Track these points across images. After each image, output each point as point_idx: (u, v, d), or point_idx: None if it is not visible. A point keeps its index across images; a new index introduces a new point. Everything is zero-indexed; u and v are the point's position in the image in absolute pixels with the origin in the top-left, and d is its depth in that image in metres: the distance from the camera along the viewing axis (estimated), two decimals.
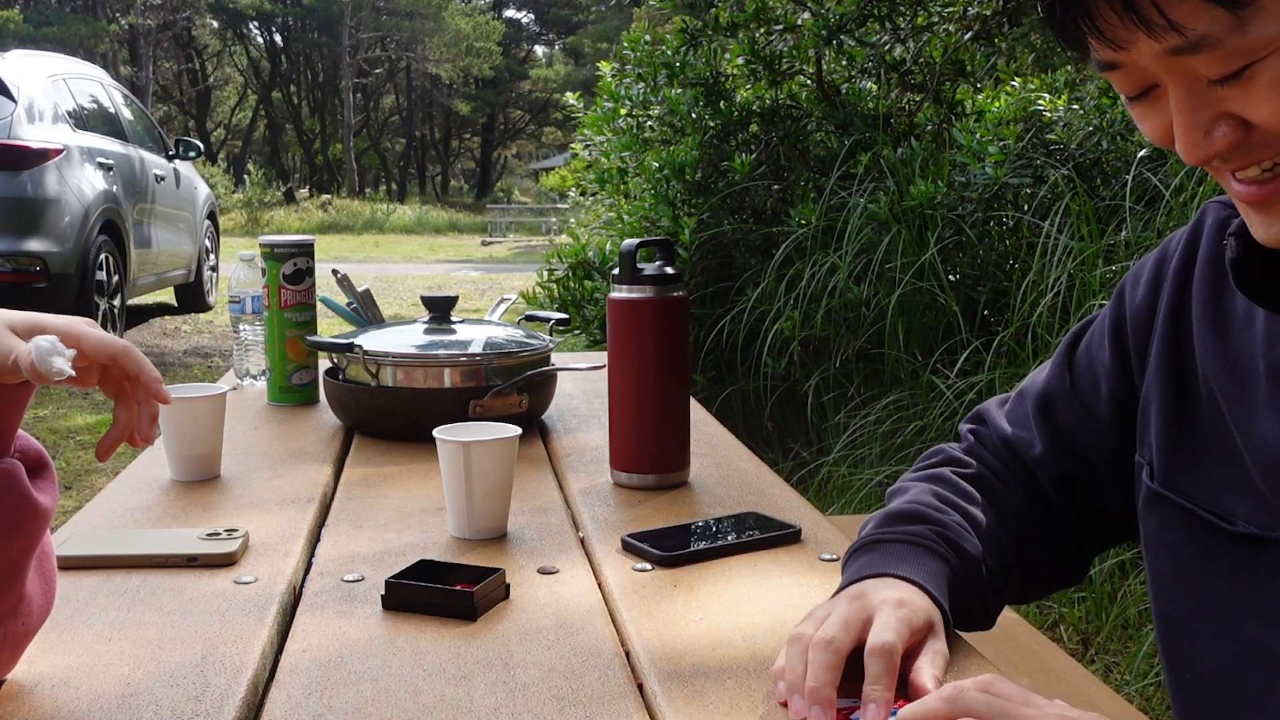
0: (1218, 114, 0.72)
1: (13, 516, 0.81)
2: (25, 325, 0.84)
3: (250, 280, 2.01)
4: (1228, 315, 0.88)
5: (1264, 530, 0.84)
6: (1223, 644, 0.87)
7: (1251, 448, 0.85)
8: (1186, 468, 0.91)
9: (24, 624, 0.87)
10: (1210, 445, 0.89)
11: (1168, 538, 0.92)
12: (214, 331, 8.71)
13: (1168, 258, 0.95)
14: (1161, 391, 0.93)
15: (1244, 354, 0.86)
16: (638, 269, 1.40)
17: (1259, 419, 0.84)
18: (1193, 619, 0.90)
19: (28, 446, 0.85)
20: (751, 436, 4.13)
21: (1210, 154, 0.73)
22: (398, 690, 0.88)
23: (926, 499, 1.01)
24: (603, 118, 4.81)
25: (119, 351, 0.86)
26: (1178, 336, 0.92)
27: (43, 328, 0.84)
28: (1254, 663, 0.84)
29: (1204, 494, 0.89)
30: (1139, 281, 0.97)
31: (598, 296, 4.46)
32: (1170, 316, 0.93)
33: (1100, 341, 1.01)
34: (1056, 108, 3.74)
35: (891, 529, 0.98)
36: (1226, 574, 0.87)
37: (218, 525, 1.24)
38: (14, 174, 6.43)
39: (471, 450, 1.22)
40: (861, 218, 3.84)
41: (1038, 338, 3.26)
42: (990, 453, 1.07)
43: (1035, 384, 1.07)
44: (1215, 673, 0.88)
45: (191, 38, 39.63)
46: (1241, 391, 0.86)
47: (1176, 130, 0.74)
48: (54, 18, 33.37)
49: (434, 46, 39.23)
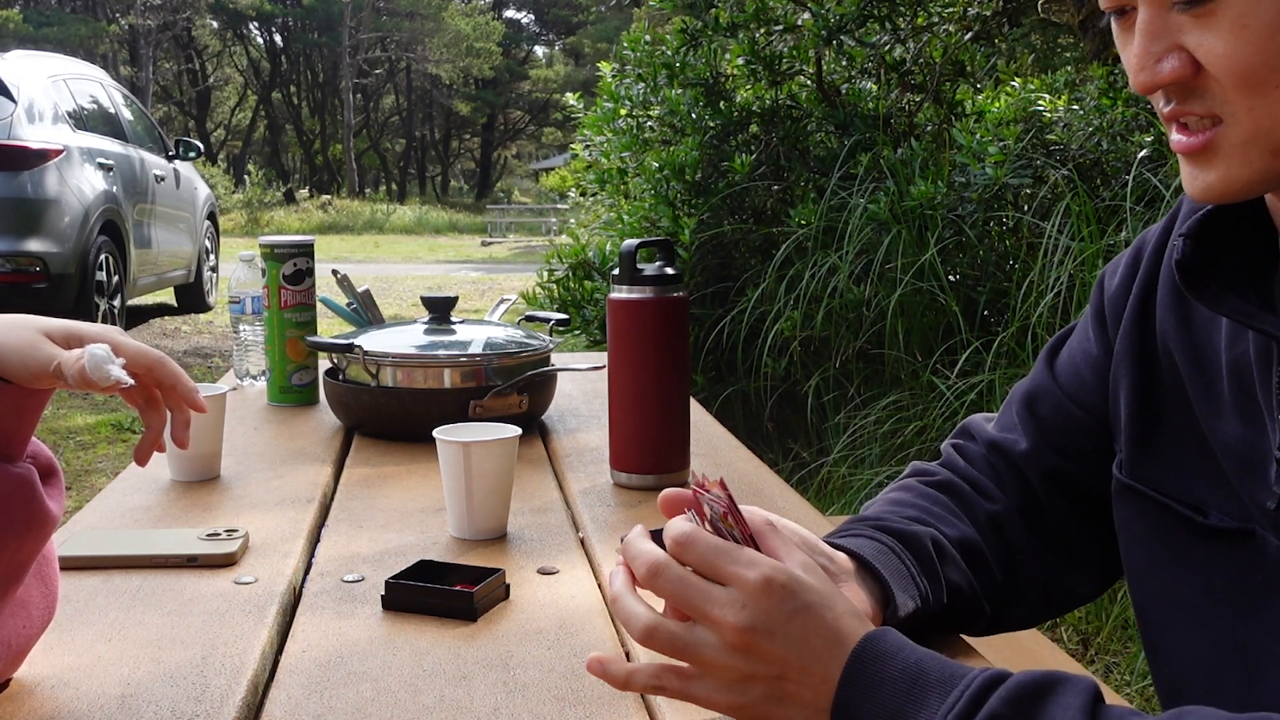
0: (1173, 45, 0.73)
1: (24, 522, 0.82)
2: (61, 333, 0.84)
3: (250, 280, 2.02)
4: (1195, 307, 0.87)
5: (1237, 523, 0.83)
6: (1200, 636, 0.87)
7: (1218, 442, 0.84)
8: (1155, 458, 0.90)
9: (26, 628, 0.87)
10: (1178, 435, 0.88)
11: (1139, 530, 0.92)
12: (214, 331, 8.71)
13: (1144, 246, 0.94)
14: (1129, 379, 0.92)
15: (1208, 345, 0.85)
16: (638, 269, 1.40)
17: (1223, 417, 0.84)
18: (1169, 612, 0.89)
19: (38, 452, 0.85)
20: (751, 436, 4.13)
21: (1156, 82, 0.73)
22: (398, 690, 0.88)
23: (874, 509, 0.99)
24: (603, 118, 4.81)
25: (154, 362, 0.88)
26: (1145, 323, 0.91)
27: (78, 335, 0.85)
28: (1232, 655, 0.84)
29: (1174, 485, 0.88)
30: (1117, 270, 0.97)
31: (598, 297, 4.46)
32: (1139, 302, 0.92)
33: (1084, 333, 0.99)
34: (1056, 108, 3.74)
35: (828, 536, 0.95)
36: (1200, 567, 0.86)
37: (218, 525, 1.24)
38: (14, 174, 6.43)
39: (471, 450, 1.22)
40: (862, 218, 3.84)
41: (1038, 338, 3.26)
42: (971, 461, 1.04)
43: (1020, 385, 1.06)
44: (1194, 665, 0.87)
45: (191, 38, 39.64)
46: (1206, 387, 0.85)
47: (1132, 52, 0.74)
48: (54, 18, 33.38)
49: (434, 47, 39.23)
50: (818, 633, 0.70)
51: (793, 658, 0.70)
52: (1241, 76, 0.70)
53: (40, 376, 0.81)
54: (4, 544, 0.81)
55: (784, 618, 0.70)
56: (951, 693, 0.67)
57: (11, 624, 0.85)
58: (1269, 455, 0.80)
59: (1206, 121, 0.74)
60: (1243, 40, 0.69)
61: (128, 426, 5.47)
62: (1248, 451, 0.82)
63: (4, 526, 0.81)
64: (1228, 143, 0.73)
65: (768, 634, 0.70)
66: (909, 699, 0.68)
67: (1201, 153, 0.75)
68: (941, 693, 0.67)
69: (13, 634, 0.86)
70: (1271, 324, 0.77)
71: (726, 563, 0.71)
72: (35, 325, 0.84)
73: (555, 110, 39.63)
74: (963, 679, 0.68)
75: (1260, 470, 0.81)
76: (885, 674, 0.69)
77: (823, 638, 0.70)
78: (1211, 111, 0.73)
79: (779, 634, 0.70)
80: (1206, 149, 0.74)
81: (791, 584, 0.71)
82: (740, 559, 0.72)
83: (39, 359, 0.81)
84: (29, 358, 0.81)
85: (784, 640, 0.70)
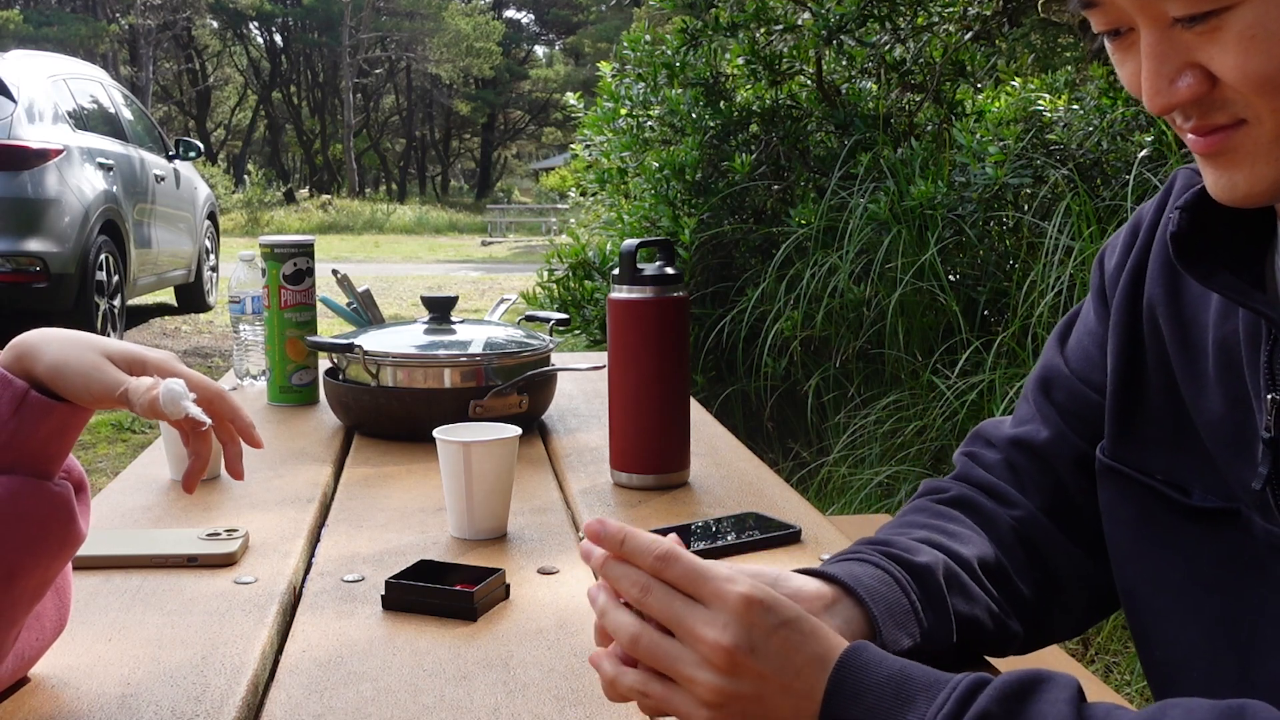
0: (1185, 63, 0.71)
1: (59, 539, 0.82)
2: (123, 356, 0.85)
3: (250, 280, 2.01)
4: (1185, 282, 0.86)
5: (1222, 502, 0.83)
6: (1191, 620, 0.86)
7: (1202, 420, 0.84)
8: (1137, 437, 0.89)
9: (39, 639, 0.88)
10: (1161, 413, 0.88)
11: (1123, 513, 0.90)
12: (214, 331, 8.71)
13: (1140, 222, 0.93)
14: (1115, 355, 0.91)
15: (1196, 323, 0.85)
16: (638, 269, 1.40)
17: (1207, 394, 0.83)
18: (1156, 595, 0.88)
19: (70, 467, 0.86)
20: (751, 436, 4.13)
21: (1173, 103, 0.72)
22: (398, 690, 0.88)
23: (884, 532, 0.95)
24: (603, 118, 4.81)
25: (215, 396, 0.88)
26: (1134, 296, 0.90)
27: (140, 361, 0.85)
28: (1225, 637, 0.83)
29: (1157, 465, 0.87)
30: (1115, 246, 0.96)
31: (598, 296, 4.46)
32: (1132, 275, 0.91)
33: (1088, 313, 0.98)
34: (1056, 108, 3.74)
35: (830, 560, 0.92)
36: (1188, 548, 0.85)
37: (218, 525, 1.24)
38: (14, 174, 6.42)
39: (471, 450, 1.22)
40: (862, 218, 3.84)
41: (1038, 338, 3.26)
42: (986, 467, 1.01)
43: (1033, 374, 1.03)
44: (1187, 649, 0.86)
45: (191, 38, 39.62)
46: (1191, 363, 0.85)
47: (1143, 76, 0.73)
48: (54, 18, 33.38)
49: (434, 46, 39.23)
50: (799, 648, 0.71)
51: (773, 674, 0.70)
52: (1260, 84, 0.69)
53: (102, 400, 0.81)
54: (37, 562, 0.81)
55: (764, 633, 0.70)
56: (939, 695, 0.68)
57: (25, 635, 0.85)
58: (1255, 435, 0.80)
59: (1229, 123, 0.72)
60: (1255, 51, 0.68)
61: (128, 426, 5.47)
62: (1233, 431, 0.82)
63: (40, 546, 0.81)
64: (1253, 142, 0.72)
65: (749, 650, 0.70)
66: (896, 704, 0.68)
67: (1224, 153, 0.73)
68: (928, 696, 0.68)
69: (26, 644, 0.86)
70: (1263, 303, 0.77)
71: (705, 580, 0.72)
72: (97, 347, 0.84)
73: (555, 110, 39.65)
74: (948, 683, 0.69)
75: (1246, 450, 0.81)
76: (870, 682, 0.69)
77: (804, 653, 0.71)
78: (1236, 116, 0.72)
79: (760, 650, 0.70)
80: (1230, 150, 0.73)
81: (770, 600, 0.71)
82: (719, 574, 0.72)
83: (104, 382, 0.82)
84: (93, 380, 0.81)
85: (764, 657, 0.70)
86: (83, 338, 0.84)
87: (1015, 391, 3.11)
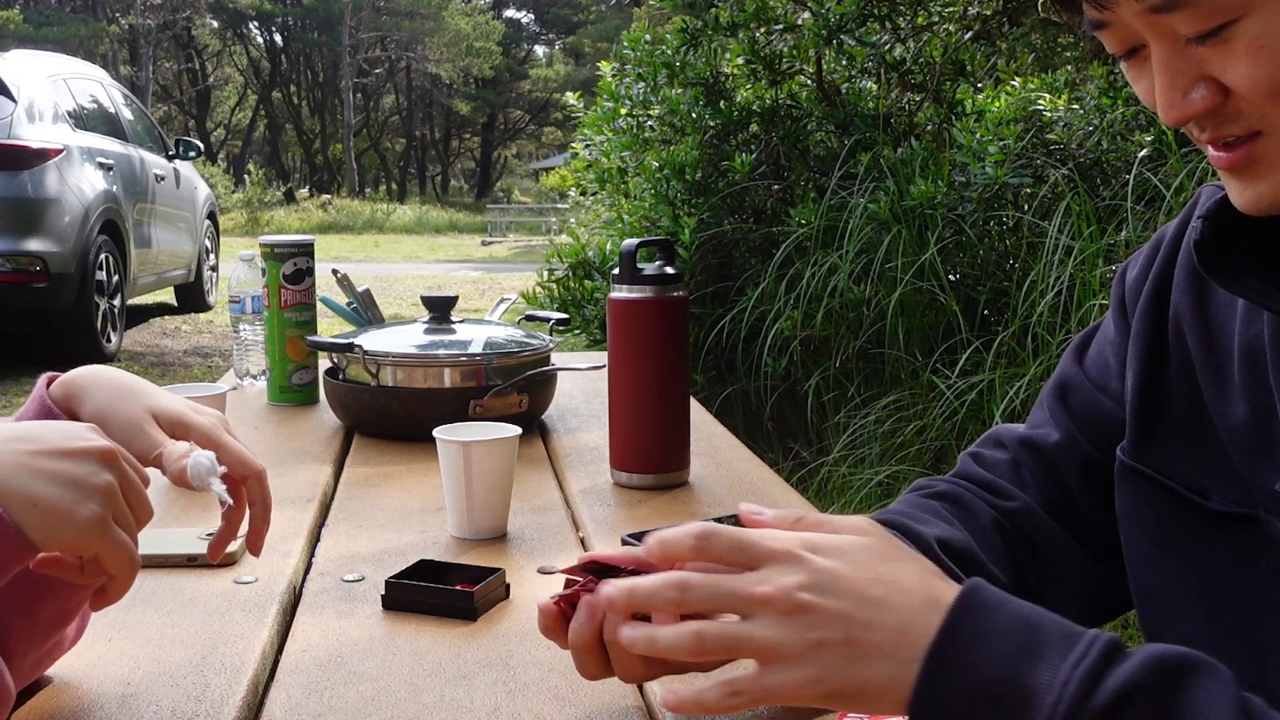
0: (1197, 76, 0.72)
1: None
2: (170, 419, 0.85)
3: (250, 280, 2.01)
4: (1212, 292, 0.87)
5: (1241, 508, 0.83)
6: (1207, 625, 0.86)
7: (1225, 426, 0.84)
8: (1158, 441, 0.89)
9: (56, 651, 0.88)
10: (1182, 419, 0.88)
11: (1142, 514, 0.91)
12: (214, 331, 8.71)
13: (1162, 238, 0.95)
14: (1138, 361, 0.91)
15: (1222, 329, 0.85)
16: (638, 269, 1.40)
17: (1231, 400, 0.84)
18: (1173, 599, 0.88)
19: None
20: (751, 436, 4.13)
21: (1187, 114, 0.73)
22: (398, 690, 0.88)
23: None
24: (603, 118, 4.81)
25: (253, 475, 0.89)
26: (1160, 306, 0.91)
27: (185, 426, 0.85)
28: (1242, 643, 0.83)
29: (1177, 468, 0.88)
30: (1136, 261, 0.97)
31: (598, 296, 4.46)
32: (1156, 286, 0.92)
33: (1108, 326, 0.99)
34: (1056, 108, 3.74)
35: None
36: (1206, 553, 0.85)
37: (218, 525, 1.23)
38: (14, 174, 6.42)
39: (471, 450, 1.22)
40: (862, 218, 3.84)
41: (1038, 338, 3.26)
42: (987, 465, 1.03)
43: (1050, 381, 1.04)
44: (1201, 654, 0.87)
45: (191, 38, 39.62)
46: (1216, 369, 0.85)
47: (1157, 90, 0.74)
48: (54, 18, 33.37)
49: (434, 46, 39.22)
50: (872, 581, 0.68)
51: (852, 610, 0.67)
52: (1271, 93, 0.70)
53: (139, 458, 0.81)
54: None
55: (830, 573, 0.68)
56: (1076, 646, 0.64)
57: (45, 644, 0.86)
58: (1278, 438, 0.80)
59: (1245, 135, 0.73)
60: (1264, 60, 0.69)
61: None
62: (1256, 435, 0.82)
63: None
64: (1274, 153, 0.73)
65: (817, 590, 0.67)
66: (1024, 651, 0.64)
67: (1247, 166, 0.74)
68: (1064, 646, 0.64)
69: (44, 656, 0.86)
70: None
71: (750, 545, 0.70)
72: (147, 404, 0.84)
73: (555, 110, 39.66)
74: (1082, 634, 0.65)
75: (1269, 453, 0.81)
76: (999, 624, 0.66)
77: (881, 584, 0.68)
78: (1251, 128, 0.72)
79: (828, 589, 0.67)
80: (1251, 161, 0.74)
81: (823, 542, 0.70)
82: (764, 538, 0.70)
83: (143, 444, 0.82)
84: (133, 438, 0.82)
85: (836, 594, 0.67)
86: (135, 387, 0.84)
87: (1015, 391, 3.11)
